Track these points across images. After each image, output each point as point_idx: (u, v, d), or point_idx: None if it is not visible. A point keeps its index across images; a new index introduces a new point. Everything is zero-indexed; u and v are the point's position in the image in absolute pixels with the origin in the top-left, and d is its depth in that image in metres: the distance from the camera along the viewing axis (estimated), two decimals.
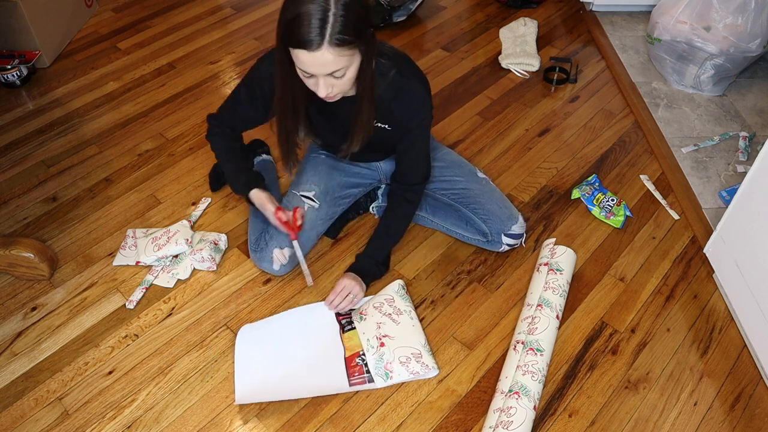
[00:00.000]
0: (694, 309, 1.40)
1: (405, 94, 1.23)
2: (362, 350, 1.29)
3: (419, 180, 1.38)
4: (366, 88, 1.15)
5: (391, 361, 1.26)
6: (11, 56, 2.10)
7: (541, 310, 1.30)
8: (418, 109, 1.26)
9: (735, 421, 1.21)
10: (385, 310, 1.34)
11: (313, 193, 1.45)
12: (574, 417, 1.21)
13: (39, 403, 1.26)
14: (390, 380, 1.25)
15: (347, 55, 1.03)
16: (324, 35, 0.98)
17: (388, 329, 1.30)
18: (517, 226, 1.43)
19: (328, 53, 1.00)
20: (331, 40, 0.99)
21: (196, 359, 1.32)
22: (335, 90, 1.10)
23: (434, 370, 1.27)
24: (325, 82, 1.07)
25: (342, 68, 1.04)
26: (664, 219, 1.60)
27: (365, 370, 1.26)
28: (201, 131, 1.90)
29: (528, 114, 1.94)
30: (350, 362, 1.28)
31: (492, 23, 2.36)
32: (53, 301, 1.44)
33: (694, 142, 1.82)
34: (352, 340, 1.31)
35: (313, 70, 1.04)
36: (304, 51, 1.00)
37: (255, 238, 1.46)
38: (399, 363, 1.26)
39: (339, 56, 1.01)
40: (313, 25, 0.98)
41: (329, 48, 1.00)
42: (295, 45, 1.01)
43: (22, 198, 1.70)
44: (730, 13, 1.80)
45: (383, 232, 1.43)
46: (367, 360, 1.27)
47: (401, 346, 1.28)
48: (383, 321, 1.32)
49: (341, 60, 1.03)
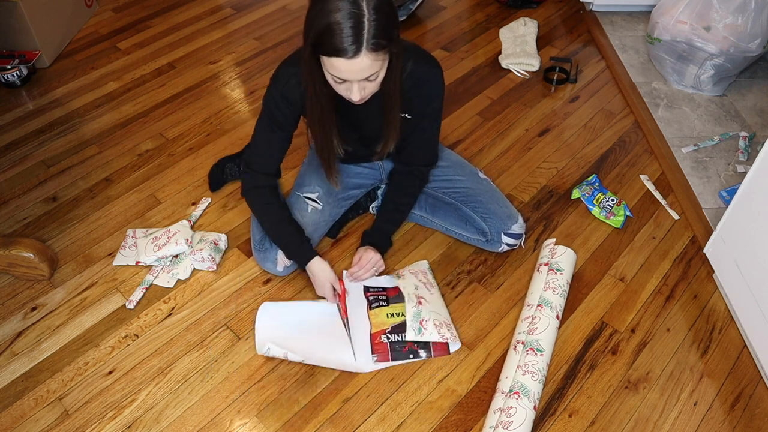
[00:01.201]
0: (694, 309, 1.40)
1: (424, 81, 1.24)
2: (388, 328, 1.32)
3: (427, 163, 1.41)
4: (395, 84, 1.15)
5: (426, 319, 1.32)
6: (11, 56, 2.10)
7: (541, 310, 1.30)
8: (437, 95, 1.28)
9: (735, 421, 1.21)
10: (420, 278, 1.41)
11: (317, 194, 1.45)
12: (574, 417, 1.21)
13: (39, 403, 1.26)
14: (421, 336, 1.30)
15: (381, 58, 1.03)
16: (361, 42, 0.98)
17: (423, 293, 1.37)
18: (517, 225, 1.43)
19: (366, 59, 1.00)
20: (368, 46, 0.99)
21: (196, 359, 1.32)
22: (367, 92, 1.11)
23: (458, 343, 1.32)
24: (359, 86, 1.07)
25: (377, 71, 1.05)
26: (664, 219, 1.60)
27: (389, 348, 1.30)
28: (201, 131, 1.90)
29: (528, 114, 1.94)
30: (375, 339, 1.31)
31: (492, 23, 2.36)
32: (53, 301, 1.44)
33: (694, 142, 1.82)
34: (378, 317, 1.34)
35: (350, 77, 1.04)
36: (341, 59, 1.00)
37: (259, 238, 1.45)
38: (433, 324, 1.31)
39: (375, 61, 1.02)
40: (349, 33, 0.97)
41: (367, 54, 0.99)
42: (331, 53, 1.00)
43: (22, 198, 1.70)
44: (730, 13, 1.79)
45: (391, 207, 1.45)
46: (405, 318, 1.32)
47: (435, 311, 1.34)
48: (419, 285, 1.39)
49: (377, 64, 1.03)
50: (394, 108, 1.21)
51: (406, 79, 1.22)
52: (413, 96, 1.25)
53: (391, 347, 1.30)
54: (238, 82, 2.10)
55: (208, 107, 2.00)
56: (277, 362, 1.31)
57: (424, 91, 1.25)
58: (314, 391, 1.26)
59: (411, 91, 1.24)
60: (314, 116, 1.21)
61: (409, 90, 1.24)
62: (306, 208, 1.44)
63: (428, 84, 1.25)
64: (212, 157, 1.80)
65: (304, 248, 1.36)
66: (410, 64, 1.21)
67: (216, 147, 1.84)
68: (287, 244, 1.37)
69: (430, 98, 1.28)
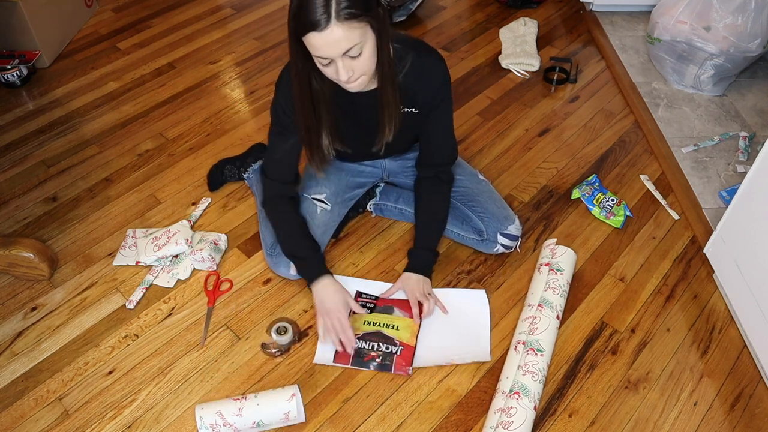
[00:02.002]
0: (694, 309, 1.40)
1: (427, 73, 1.23)
2: (359, 334, 1.32)
3: (448, 160, 1.39)
4: (386, 71, 1.14)
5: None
6: (11, 56, 2.10)
7: (542, 311, 1.30)
8: (442, 86, 1.27)
9: (735, 421, 1.21)
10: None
11: (324, 195, 1.45)
12: (574, 417, 1.21)
13: (39, 403, 1.26)
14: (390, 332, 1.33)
15: (357, 28, 1.01)
16: (330, 12, 0.98)
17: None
18: (513, 227, 1.43)
19: (337, 29, 0.99)
20: (338, 16, 0.98)
21: (196, 359, 1.32)
22: (356, 73, 1.08)
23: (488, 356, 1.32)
24: (343, 64, 1.05)
25: (355, 45, 1.03)
26: (664, 219, 1.60)
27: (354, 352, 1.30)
28: (201, 131, 1.90)
29: (528, 114, 1.94)
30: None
31: (492, 23, 2.36)
32: (53, 301, 1.44)
33: (694, 142, 1.82)
34: (355, 321, 1.35)
35: (328, 52, 1.03)
36: (315, 33, 1.00)
37: (270, 243, 1.45)
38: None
39: (349, 31, 1.00)
40: (318, 3, 0.97)
41: (338, 23, 0.99)
42: (305, 29, 1.00)
43: (22, 198, 1.70)
44: (730, 13, 1.79)
45: (429, 219, 1.42)
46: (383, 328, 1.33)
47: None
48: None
49: (353, 35, 1.01)
50: (389, 96, 1.18)
51: (409, 72, 1.21)
52: (418, 89, 1.24)
53: (355, 352, 1.29)
54: (238, 82, 2.10)
55: (208, 107, 2.00)
56: (277, 362, 1.31)
57: (427, 82, 1.25)
58: (314, 391, 1.26)
59: (415, 84, 1.23)
60: (303, 107, 1.19)
61: (412, 83, 1.23)
62: (315, 210, 1.43)
63: (431, 74, 1.24)
64: (212, 157, 1.80)
65: (313, 262, 1.34)
66: (412, 56, 1.21)
67: (216, 147, 1.84)
68: (297, 257, 1.36)
69: (436, 89, 1.26)
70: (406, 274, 1.39)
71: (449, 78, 1.28)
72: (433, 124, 1.33)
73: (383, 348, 1.30)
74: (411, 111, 1.28)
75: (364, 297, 1.41)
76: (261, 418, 1.15)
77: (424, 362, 1.29)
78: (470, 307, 1.39)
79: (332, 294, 1.31)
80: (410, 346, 1.30)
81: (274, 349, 1.31)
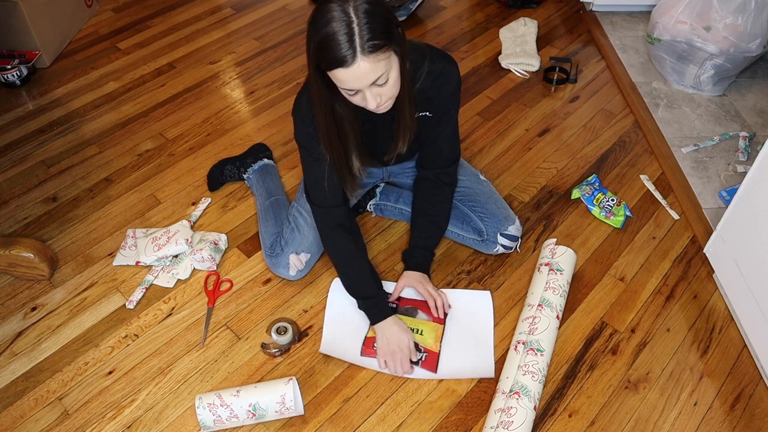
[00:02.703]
0: (694, 309, 1.40)
1: (442, 78, 1.23)
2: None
3: (451, 162, 1.38)
4: (405, 87, 1.13)
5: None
6: (11, 56, 2.10)
7: (542, 311, 1.30)
8: (455, 91, 1.27)
9: (735, 421, 1.21)
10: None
11: None
12: (574, 417, 1.21)
13: (39, 403, 1.26)
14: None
15: (383, 59, 1.01)
16: (355, 47, 0.97)
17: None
18: (513, 227, 1.43)
19: (364, 63, 0.98)
20: (363, 51, 0.97)
21: (196, 359, 1.32)
22: (384, 99, 1.08)
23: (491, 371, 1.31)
24: (372, 93, 1.05)
25: (382, 74, 1.02)
26: (664, 219, 1.60)
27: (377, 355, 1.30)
28: (201, 131, 1.90)
29: (528, 114, 1.94)
30: (368, 343, 1.32)
31: (492, 23, 2.36)
32: (53, 301, 1.44)
33: (694, 142, 1.82)
34: None
35: (356, 85, 1.02)
36: (341, 69, 0.99)
37: (270, 243, 1.45)
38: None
39: (376, 63, 1.00)
40: (341, 40, 0.96)
41: (364, 57, 0.98)
42: (331, 66, 0.99)
43: (22, 198, 1.70)
44: (730, 13, 1.79)
45: (425, 220, 1.41)
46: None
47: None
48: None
49: (379, 66, 1.01)
50: (405, 110, 1.18)
51: (426, 79, 1.21)
52: (433, 94, 1.24)
53: None
54: (238, 82, 2.10)
55: (208, 107, 2.00)
56: (277, 362, 1.31)
57: (442, 88, 1.24)
58: (314, 391, 1.26)
59: (431, 90, 1.23)
60: (330, 137, 1.17)
61: (429, 89, 1.22)
62: None
63: (446, 79, 1.24)
64: (212, 157, 1.80)
65: (379, 302, 1.32)
66: (426, 65, 1.20)
67: (216, 147, 1.84)
68: (362, 296, 1.33)
69: (449, 93, 1.26)
70: (408, 273, 1.39)
71: (461, 83, 1.28)
72: (443, 126, 1.32)
73: None
74: (425, 115, 1.27)
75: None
76: (257, 400, 1.16)
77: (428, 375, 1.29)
78: (473, 315, 1.38)
79: (399, 334, 1.29)
80: (434, 352, 1.30)
81: (274, 349, 1.31)
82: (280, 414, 1.18)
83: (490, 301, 1.40)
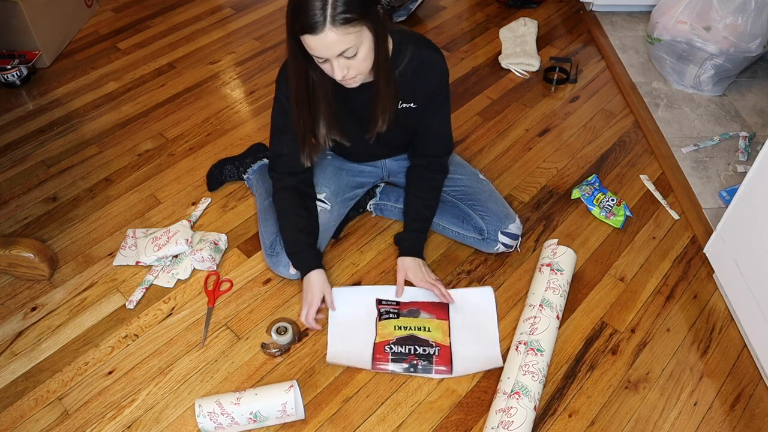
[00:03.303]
0: (694, 309, 1.40)
1: (426, 67, 1.24)
2: (393, 339, 1.32)
3: (443, 152, 1.40)
4: (382, 67, 1.14)
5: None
6: (11, 56, 2.10)
7: (542, 311, 1.30)
8: (440, 81, 1.27)
9: (735, 421, 1.21)
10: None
11: (324, 195, 1.45)
12: (574, 417, 1.21)
13: (39, 403, 1.26)
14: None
15: (353, 32, 1.02)
16: (326, 16, 0.99)
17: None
18: (514, 225, 1.43)
19: (331, 33, 1.00)
20: (333, 21, 0.99)
21: (196, 359, 1.32)
22: (351, 72, 1.10)
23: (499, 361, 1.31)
24: (339, 64, 1.07)
25: (350, 47, 1.04)
26: (664, 219, 1.60)
27: (390, 358, 1.29)
28: (201, 131, 1.90)
29: (528, 114, 1.94)
30: (378, 348, 1.31)
31: (492, 23, 2.36)
32: (53, 301, 1.44)
33: (694, 142, 1.82)
34: (385, 328, 1.34)
35: (323, 53, 1.04)
36: (310, 35, 1.01)
37: (269, 243, 1.45)
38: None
39: (344, 35, 1.01)
40: (314, 8, 0.99)
41: (332, 28, 1.00)
42: (301, 31, 1.02)
43: (22, 198, 1.70)
44: (730, 13, 1.79)
45: (418, 205, 1.42)
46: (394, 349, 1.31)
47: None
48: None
49: (347, 39, 1.02)
50: (381, 90, 1.19)
51: (408, 65, 1.22)
52: (417, 82, 1.25)
53: (393, 357, 1.29)
54: (238, 82, 2.10)
55: (208, 107, 2.00)
56: (277, 362, 1.31)
57: (426, 77, 1.25)
58: (314, 391, 1.26)
59: (414, 78, 1.24)
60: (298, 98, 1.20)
61: (411, 77, 1.23)
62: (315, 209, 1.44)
63: (430, 69, 1.25)
64: (212, 157, 1.80)
65: (306, 255, 1.35)
66: (411, 49, 1.21)
67: (216, 147, 1.84)
68: (293, 248, 1.36)
69: (435, 83, 1.27)
70: (402, 259, 1.39)
71: (447, 72, 1.29)
72: (431, 116, 1.33)
73: (420, 350, 1.29)
74: (409, 106, 1.29)
75: (385, 303, 1.39)
76: (258, 408, 1.15)
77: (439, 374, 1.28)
78: (476, 308, 1.39)
79: (311, 287, 1.33)
80: (446, 346, 1.30)
81: (274, 349, 1.31)
82: (281, 419, 1.18)
83: (492, 296, 1.41)
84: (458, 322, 1.36)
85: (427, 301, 1.39)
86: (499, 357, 1.29)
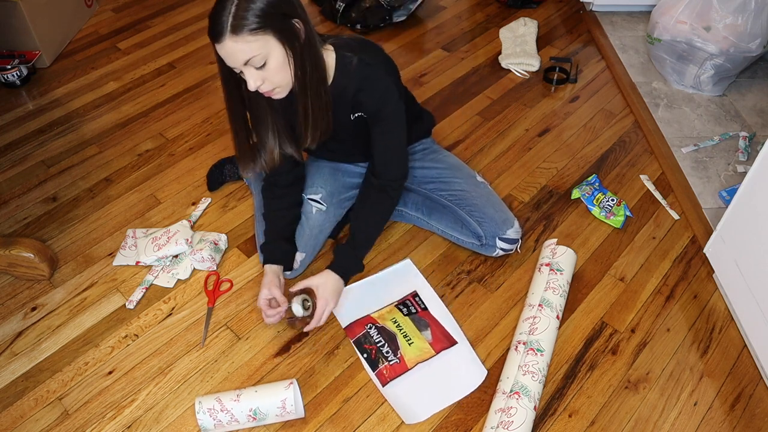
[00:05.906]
0: (694, 309, 1.40)
1: (369, 82, 1.23)
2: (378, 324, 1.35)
3: (396, 176, 1.36)
4: (304, 80, 1.13)
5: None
6: (11, 56, 2.10)
7: (542, 311, 1.30)
8: (383, 97, 1.25)
9: (735, 421, 1.21)
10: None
11: (320, 195, 1.45)
12: (574, 417, 1.21)
13: (39, 403, 1.26)
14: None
15: (253, 41, 1.03)
16: (225, 26, 1.01)
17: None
18: (512, 230, 1.43)
19: (230, 42, 1.02)
20: (233, 30, 1.01)
21: (196, 359, 1.32)
22: (266, 85, 1.10)
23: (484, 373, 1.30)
24: (249, 73, 1.07)
25: (255, 56, 1.04)
26: (664, 219, 1.60)
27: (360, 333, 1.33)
28: (201, 131, 1.90)
29: (528, 114, 1.94)
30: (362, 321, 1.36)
31: (492, 23, 2.36)
32: (53, 301, 1.44)
33: (694, 142, 1.82)
34: (387, 313, 1.37)
35: (230, 62, 1.06)
36: (216, 44, 1.04)
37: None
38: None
39: (245, 43, 1.02)
40: (217, 18, 1.01)
41: (232, 36, 1.01)
42: (211, 41, 1.04)
43: (22, 198, 1.70)
44: (730, 13, 1.80)
45: (362, 227, 1.38)
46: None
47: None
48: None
49: (249, 47, 1.03)
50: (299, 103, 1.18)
51: (352, 79, 1.22)
52: (362, 96, 1.24)
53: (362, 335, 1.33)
54: None
55: (208, 107, 2.00)
56: (276, 362, 1.31)
57: (370, 92, 1.23)
58: (314, 391, 1.26)
59: (360, 92, 1.23)
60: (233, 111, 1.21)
61: (358, 90, 1.23)
62: (311, 210, 1.43)
63: (372, 84, 1.23)
64: (212, 157, 1.80)
65: (272, 246, 1.37)
66: (355, 63, 1.21)
67: (216, 147, 1.84)
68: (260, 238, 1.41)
69: (378, 99, 1.24)
70: (329, 275, 1.31)
71: (391, 91, 1.24)
72: (380, 135, 1.30)
73: (384, 350, 1.30)
74: (361, 115, 1.29)
75: (417, 300, 1.40)
76: (258, 405, 1.15)
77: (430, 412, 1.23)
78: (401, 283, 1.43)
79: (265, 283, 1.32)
80: (406, 366, 1.28)
81: (289, 316, 1.32)
82: (281, 417, 1.18)
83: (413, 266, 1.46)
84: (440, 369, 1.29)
85: (444, 326, 1.35)
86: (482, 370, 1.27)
